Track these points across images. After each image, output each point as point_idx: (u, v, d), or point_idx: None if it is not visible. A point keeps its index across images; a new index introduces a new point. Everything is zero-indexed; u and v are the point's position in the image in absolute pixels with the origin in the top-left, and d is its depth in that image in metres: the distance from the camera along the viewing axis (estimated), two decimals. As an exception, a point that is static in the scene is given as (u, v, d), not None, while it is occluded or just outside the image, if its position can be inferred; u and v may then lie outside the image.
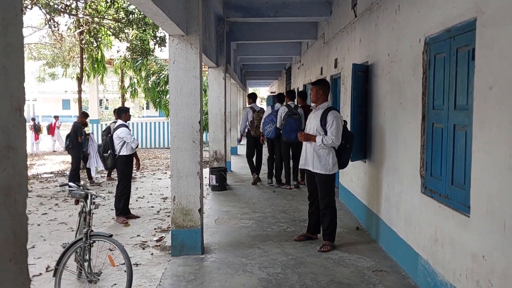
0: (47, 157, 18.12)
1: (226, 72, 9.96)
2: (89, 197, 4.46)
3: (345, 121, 5.46)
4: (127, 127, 7.36)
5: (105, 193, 9.56)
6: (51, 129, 20.48)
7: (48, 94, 49.21)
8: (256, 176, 10.00)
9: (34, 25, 19.98)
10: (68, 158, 16.79)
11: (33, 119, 21.92)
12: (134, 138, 7.33)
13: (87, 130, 12.70)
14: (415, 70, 4.44)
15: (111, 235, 4.33)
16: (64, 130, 20.52)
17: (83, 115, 10.96)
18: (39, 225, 7.26)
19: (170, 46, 5.07)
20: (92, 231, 4.34)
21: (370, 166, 6.09)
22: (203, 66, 12.09)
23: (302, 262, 5.04)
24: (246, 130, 10.20)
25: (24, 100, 1.19)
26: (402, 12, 4.90)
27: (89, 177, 11.06)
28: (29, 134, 22.01)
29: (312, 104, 5.59)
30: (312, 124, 5.44)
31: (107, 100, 43.09)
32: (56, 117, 21.32)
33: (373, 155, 5.97)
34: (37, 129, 20.62)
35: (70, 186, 4.61)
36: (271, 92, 34.84)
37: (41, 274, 5.12)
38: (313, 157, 5.37)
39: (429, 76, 4.15)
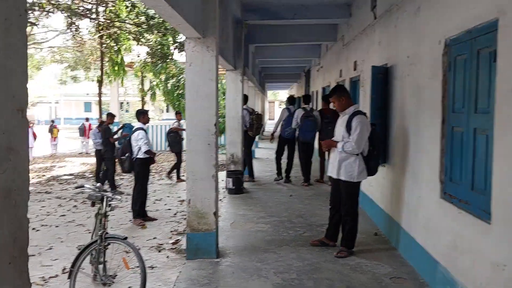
0: (68, 159, 18.37)
1: (243, 75, 9.93)
2: (105, 199, 4.46)
3: (374, 124, 5.34)
4: (144, 130, 7.38)
5: (124, 195, 9.63)
6: (85, 131, 20.74)
7: (70, 97, 50.01)
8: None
9: (58, 29, 20.35)
10: (89, 160, 17.07)
11: (52, 121, 22.27)
12: (146, 142, 7.29)
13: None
14: (434, 73, 4.33)
15: (126, 238, 4.32)
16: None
17: (110, 116, 11.06)
18: (57, 226, 7.33)
19: (187, 48, 5.06)
20: (107, 233, 4.34)
21: (389, 171, 5.98)
22: (220, 69, 12.15)
23: (318, 268, 4.95)
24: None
25: (26, 102, 1.17)
26: (422, 13, 4.79)
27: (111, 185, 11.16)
28: (46, 135, 22.41)
29: (341, 113, 5.43)
30: (339, 130, 5.31)
31: (127, 103, 43.54)
32: (87, 119, 21.63)
33: (392, 159, 5.86)
34: (52, 131, 20.93)
35: (84, 187, 4.63)
36: (290, 95, 34.70)
37: (57, 275, 5.15)
38: (339, 164, 5.22)
39: (449, 79, 4.04)
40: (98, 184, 4.60)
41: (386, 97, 6.10)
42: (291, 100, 10.89)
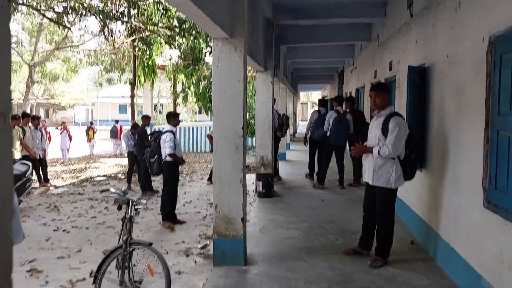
0: (102, 160, 18.66)
1: (274, 76, 9.75)
2: (130, 203, 4.38)
3: (410, 127, 5.05)
4: (173, 132, 7.30)
5: (155, 197, 9.61)
6: (117, 133, 21.09)
7: (106, 99, 51.12)
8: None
9: (94, 31, 20.76)
10: (122, 161, 17.28)
11: (91, 123, 22.73)
12: (171, 145, 7.19)
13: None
14: (477, 72, 4.03)
15: (150, 244, 4.23)
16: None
17: (145, 118, 11.09)
18: (87, 228, 7.35)
19: (214, 49, 4.93)
20: (132, 238, 4.25)
21: (427, 176, 5.66)
22: (251, 70, 12.01)
23: (351, 278, 4.71)
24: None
25: (9, 105, 1.03)
26: (463, 9, 4.49)
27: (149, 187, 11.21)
28: (83, 137, 22.86)
29: (374, 111, 5.14)
30: (373, 132, 5.01)
31: (161, 105, 44.13)
32: (116, 121, 21.98)
33: (430, 164, 5.55)
34: (88, 132, 21.33)
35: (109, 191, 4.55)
36: (323, 97, 34.37)
37: (84, 279, 5.11)
38: (374, 169, 4.94)
39: (493, 79, 3.74)
40: (123, 188, 4.52)
41: (423, 99, 5.79)
42: (322, 102, 10.71)
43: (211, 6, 3.96)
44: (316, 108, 11.11)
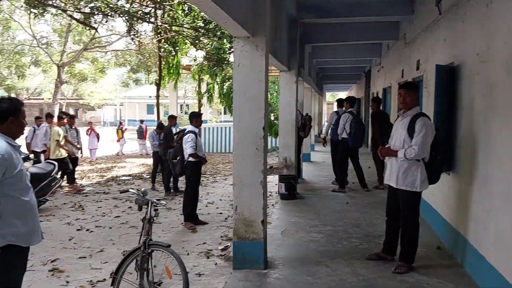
0: (128, 160, 18.86)
1: (298, 76, 9.62)
2: (150, 204, 4.34)
3: (437, 128, 4.85)
4: (195, 133, 7.26)
5: (178, 197, 9.61)
6: (143, 133, 21.33)
7: (134, 99, 51.83)
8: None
9: (121, 32, 21.05)
10: (148, 161, 17.41)
11: (121, 122, 23.05)
12: (193, 146, 7.13)
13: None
14: (510, 70, 3.82)
15: (169, 245, 4.18)
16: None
17: (172, 118, 11.13)
18: (110, 228, 7.38)
19: (235, 48, 4.84)
20: (150, 239, 4.21)
21: (455, 179, 5.44)
22: (275, 70, 11.90)
23: (374, 284, 4.55)
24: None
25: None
26: (495, 5, 4.28)
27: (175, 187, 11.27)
28: (112, 136, 23.19)
29: (400, 111, 5.00)
30: (398, 133, 4.84)
31: (187, 105, 44.48)
32: (141, 121, 22.22)
33: (459, 166, 5.32)
34: (119, 132, 21.62)
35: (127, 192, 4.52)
36: (339, 98, 33.91)
37: (104, 280, 5.10)
38: (398, 171, 4.77)
39: (528, 77, 3.53)
40: (143, 189, 4.48)
41: (452, 99, 5.56)
42: (340, 102, 10.60)
43: (231, 3, 3.88)
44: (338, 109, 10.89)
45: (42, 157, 11.04)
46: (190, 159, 7.15)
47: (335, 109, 11.27)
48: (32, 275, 5.16)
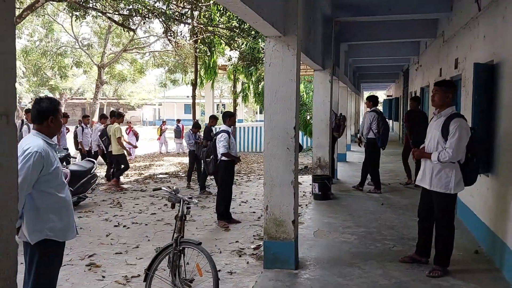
0: (166, 159, 19.18)
1: (333, 75, 9.52)
2: (182, 202, 4.40)
3: (473, 129, 4.70)
4: (228, 132, 7.31)
5: (212, 195, 9.71)
6: (181, 133, 21.67)
7: (172, 99, 52.71)
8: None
9: (158, 34, 21.44)
10: (185, 159, 17.65)
11: (164, 122, 23.49)
12: (225, 145, 7.18)
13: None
14: (552, 68, 3.65)
15: (200, 243, 4.22)
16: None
17: (213, 118, 11.29)
18: (146, 225, 7.52)
19: (266, 48, 4.85)
20: (182, 237, 4.27)
21: (494, 181, 5.25)
22: (310, 69, 11.85)
23: (406, 287, 4.46)
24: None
25: (14, 104, 0.99)
26: (537, -1, 4.10)
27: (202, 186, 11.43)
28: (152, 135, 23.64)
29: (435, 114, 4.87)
30: (432, 133, 4.72)
31: (223, 105, 44.82)
32: (178, 121, 22.54)
33: (498, 168, 5.13)
34: (158, 130, 22.04)
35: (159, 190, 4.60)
36: (388, 96, 33.33)
37: (139, 275, 5.19)
38: (431, 173, 4.66)
39: None
40: (175, 187, 4.55)
41: (491, 98, 5.37)
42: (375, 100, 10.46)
43: (261, 3, 3.88)
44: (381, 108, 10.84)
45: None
46: (223, 158, 7.21)
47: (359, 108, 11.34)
48: (70, 269, 5.34)
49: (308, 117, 18.41)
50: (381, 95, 54.94)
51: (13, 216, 0.98)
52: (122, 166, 11.20)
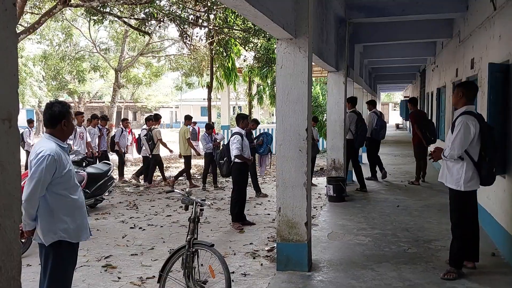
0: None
1: (347, 76, 9.48)
2: (194, 204, 4.44)
3: (491, 127, 4.67)
4: (241, 134, 7.34)
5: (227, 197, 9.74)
6: (197, 135, 21.79)
7: (189, 102, 53.02)
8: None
9: (174, 38, 21.64)
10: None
11: (194, 123, 23.62)
12: (238, 147, 7.21)
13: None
14: None
15: (212, 245, 4.25)
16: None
17: (254, 121, 11.34)
18: (161, 226, 7.58)
19: (278, 50, 4.86)
20: (195, 239, 4.30)
21: (510, 183, 5.16)
22: (324, 71, 11.81)
23: (421, 290, 4.42)
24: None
25: (16, 109, 1.02)
26: (553, -2, 4.03)
27: (214, 181, 11.50)
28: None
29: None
30: (449, 134, 4.79)
31: (239, 107, 44.87)
32: (194, 123, 22.59)
33: (515, 169, 5.06)
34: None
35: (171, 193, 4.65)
36: (405, 97, 33.00)
37: (154, 277, 5.24)
38: (445, 169, 4.75)
39: None
40: (187, 190, 4.59)
41: (507, 98, 5.29)
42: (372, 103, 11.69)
43: (271, 6, 3.90)
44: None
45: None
46: (236, 160, 7.24)
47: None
48: (87, 270, 5.42)
49: (324, 119, 18.36)
50: (398, 96, 54.39)
51: (16, 217, 1.01)
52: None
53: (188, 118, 12.33)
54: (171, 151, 11.87)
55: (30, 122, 15.31)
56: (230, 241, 6.61)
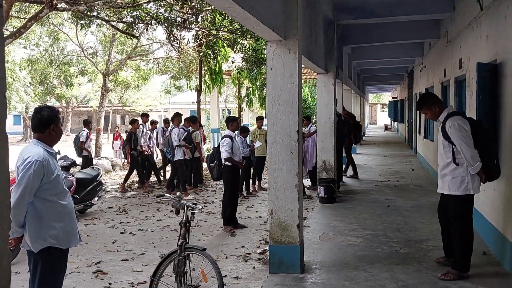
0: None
1: (336, 78, 9.51)
2: (185, 208, 4.40)
3: (478, 121, 4.67)
4: (230, 137, 7.32)
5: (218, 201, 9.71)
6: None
7: (178, 105, 52.85)
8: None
9: (161, 41, 21.51)
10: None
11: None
12: (227, 149, 7.18)
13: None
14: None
15: (204, 249, 4.22)
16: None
17: (245, 130, 11.29)
18: (152, 231, 7.52)
19: (268, 52, 4.86)
20: (187, 243, 4.27)
21: (501, 182, 5.20)
22: (313, 73, 11.84)
23: (414, 290, 4.43)
24: None
25: (4, 111, 0.99)
26: (539, -3, 4.08)
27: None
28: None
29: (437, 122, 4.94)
30: (439, 138, 4.78)
31: (228, 110, 44.83)
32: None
33: (505, 168, 5.09)
34: None
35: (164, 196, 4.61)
36: (393, 98, 33.24)
37: (145, 282, 5.19)
38: (445, 179, 4.68)
39: None
40: (178, 193, 4.55)
41: (495, 98, 5.34)
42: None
43: (260, 8, 3.89)
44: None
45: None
46: (226, 163, 7.21)
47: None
48: (77, 276, 5.35)
49: (314, 121, 18.40)
50: (387, 97, 54.79)
51: (5, 225, 0.98)
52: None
53: (193, 121, 12.08)
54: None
55: None
56: (222, 244, 6.58)
